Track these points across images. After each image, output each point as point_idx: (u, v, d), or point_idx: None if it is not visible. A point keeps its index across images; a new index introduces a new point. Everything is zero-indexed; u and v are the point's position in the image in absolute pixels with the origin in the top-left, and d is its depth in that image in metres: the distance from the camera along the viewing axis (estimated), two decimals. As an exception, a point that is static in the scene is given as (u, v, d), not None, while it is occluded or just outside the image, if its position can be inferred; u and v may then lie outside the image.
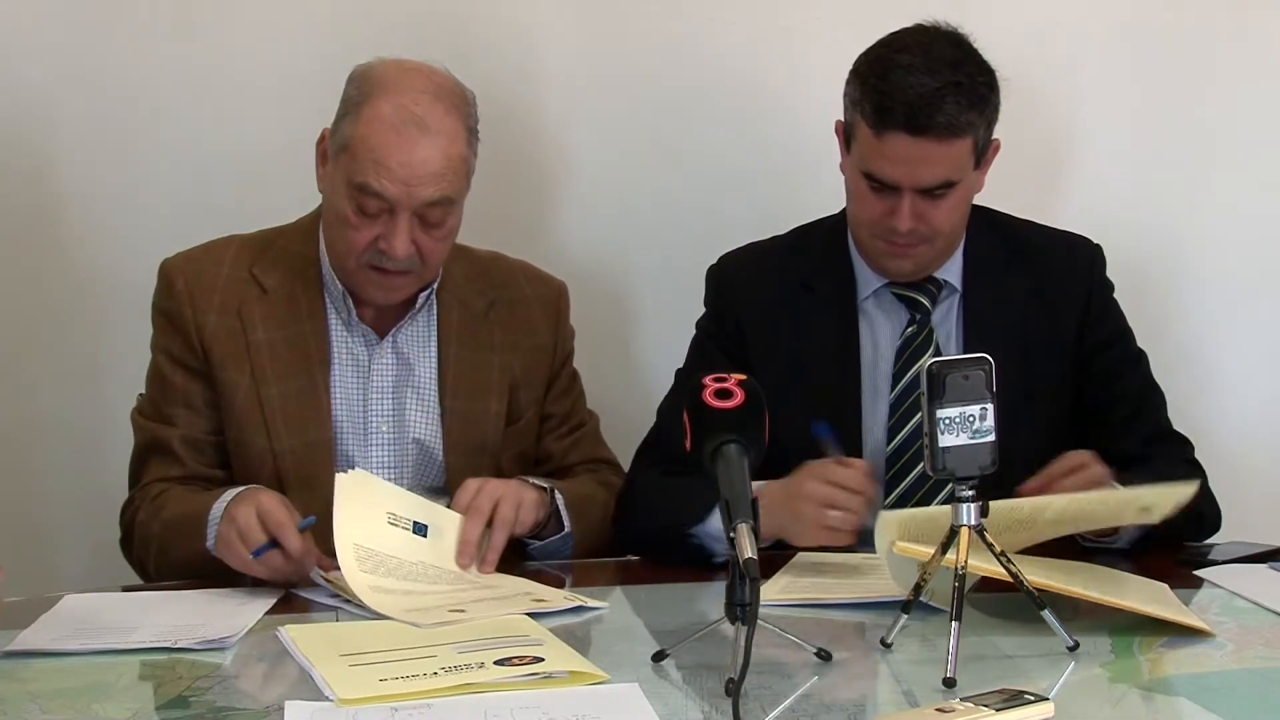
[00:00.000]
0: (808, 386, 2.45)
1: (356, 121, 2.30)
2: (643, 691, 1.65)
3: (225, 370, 2.37)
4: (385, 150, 2.26)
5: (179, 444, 2.36)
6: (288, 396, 2.35)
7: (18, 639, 1.87)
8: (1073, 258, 2.53)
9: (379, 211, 2.29)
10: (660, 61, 3.00)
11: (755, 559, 1.62)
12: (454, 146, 2.31)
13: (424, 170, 2.27)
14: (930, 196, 2.37)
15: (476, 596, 2.08)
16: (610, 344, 2.98)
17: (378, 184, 2.27)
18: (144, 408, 2.43)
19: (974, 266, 2.50)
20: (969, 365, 1.78)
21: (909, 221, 2.37)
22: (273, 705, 1.65)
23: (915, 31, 2.39)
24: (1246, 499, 2.56)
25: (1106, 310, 2.52)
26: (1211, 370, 3.05)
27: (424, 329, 2.46)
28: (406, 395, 2.43)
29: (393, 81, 2.31)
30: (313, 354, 2.39)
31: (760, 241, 2.62)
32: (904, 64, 2.32)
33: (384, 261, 2.32)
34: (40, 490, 2.96)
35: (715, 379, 1.81)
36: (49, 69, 2.88)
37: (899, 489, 2.43)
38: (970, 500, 1.79)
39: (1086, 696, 1.68)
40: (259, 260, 2.43)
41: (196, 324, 2.38)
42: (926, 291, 2.49)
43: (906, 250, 2.42)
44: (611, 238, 3.03)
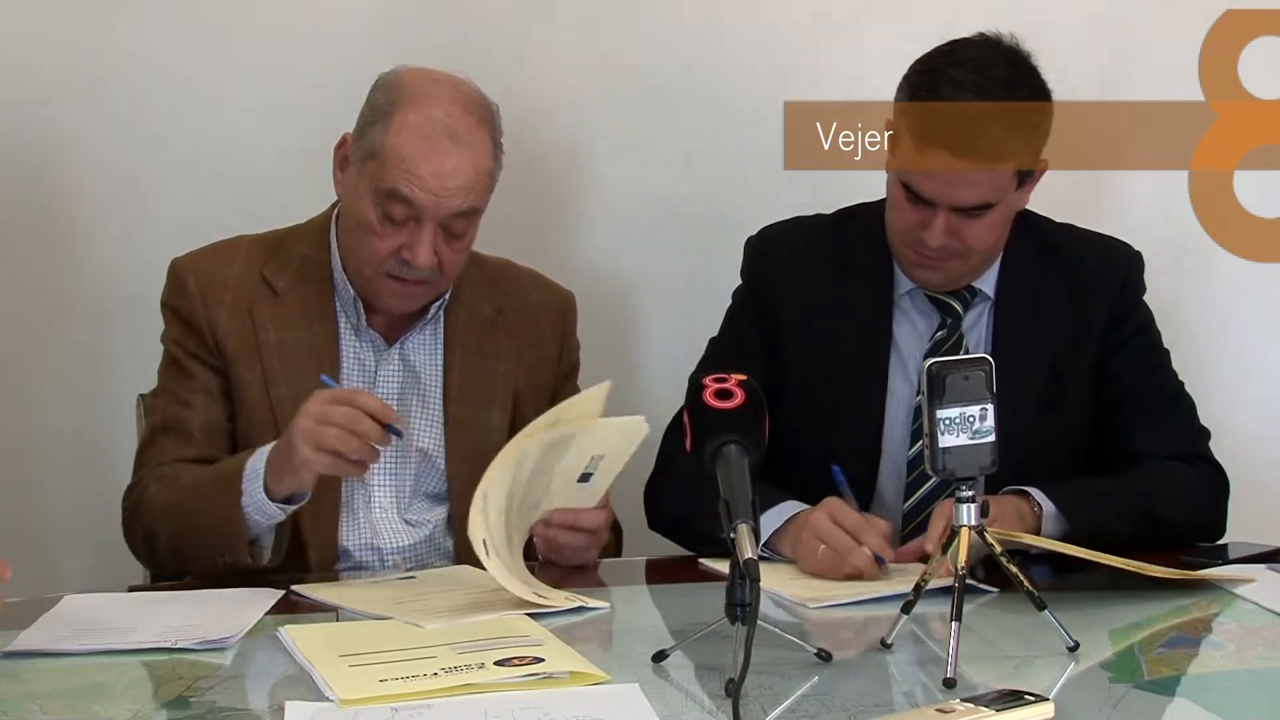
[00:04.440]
0: (835, 372, 2.42)
1: (387, 129, 2.29)
2: (643, 691, 1.65)
3: (238, 368, 2.36)
4: (417, 159, 2.26)
5: (198, 427, 2.34)
6: (297, 398, 2.33)
7: (18, 639, 1.87)
8: (1108, 264, 2.49)
9: (405, 219, 2.29)
10: (672, 63, 2.99)
11: (755, 559, 1.62)
12: (483, 159, 2.32)
13: (454, 181, 2.28)
14: (966, 215, 2.33)
15: (475, 600, 2.07)
16: (617, 351, 2.97)
17: (408, 191, 2.26)
18: (158, 393, 2.42)
19: (1009, 273, 2.46)
20: (969, 365, 1.78)
21: (941, 238, 2.33)
22: (273, 705, 1.65)
23: (974, 45, 2.34)
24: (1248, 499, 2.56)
25: (1130, 311, 2.48)
26: (1211, 370, 3.05)
27: (431, 337, 2.45)
28: (412, 403, 2.42)
29: (423, 91, 2.31)
30: (322, 358, 2.38)
31: (803, 218, 2.58)
32: (956, 80, 2.28)
33: (404, 271, 2.32)
34: (40, 491, 2.95)
35: (715, 379, 1.81)
36: (48, 69, 2.87)
37: (919, 493, 2.41)
38: (970, 500, 1.79)
39: (1086, 696, 1.68)
40: (269, 262, 2.42)
41: (209, 321, 2.37)
42: (960, 297, 2.46)
43: (936, 263, 2.39)
44: (620, 245, 3.02)
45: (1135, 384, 2.46)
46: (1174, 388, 2.51)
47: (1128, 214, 3.00)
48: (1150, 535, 2.25)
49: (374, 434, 2.10)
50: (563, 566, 2.25)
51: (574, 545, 2.24)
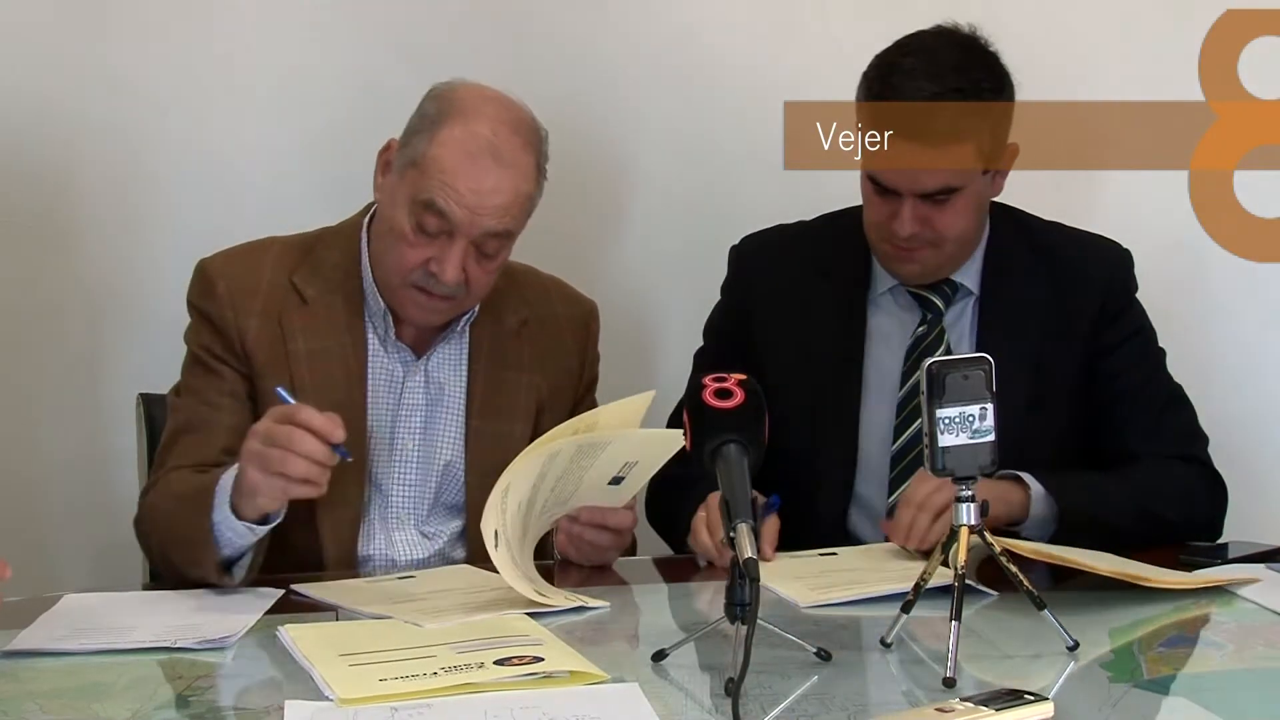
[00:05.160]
0: (811, 375, 2.45)
1: (431, 140, 2.27)
2: (643, 691, 1.65)
3: (266, 379, 2.32)
4: (457, 173, 2.24)
5: (225, 430, 2.30)
6: (324, 410, 2.33)
7: (18, 639, 1.87)
8: (1096, 262, 2.50)
9: (438, 232, 2.26)
10: (697, 70, 3.01)
11: (755, 559, 1.62)
12: (525, 183, 2.29)
13: (492, 201, 2.25)
14: (933, 202, 2.35)
15: (475, 599, 2.07)
16: (640, 357, 2.97)
17: (444, 203, 2.24)
18: (182, 392, 2.38)
19: (993, 270, 2.48)
20: (969, 365, 1.78)
21: (910, 226, 2.36)
22: (273, 705, 1.64)
23: (928, 35, 2.38)
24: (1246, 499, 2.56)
25: (1123, 310, 2.49)
26: (1210, 369, 3.06)
27: (457, 349, 2.43)
28: (437, 417, 2.40)
29: (473, 107, 2.29)
30: (351, 369, 2.36)
31: (787, 225, 2.61)
32: (906, 68, 2.32)
33: (430, 284, 2.29)
34: (40, 491, 2.95)
35: (715, 379, 1.81)
36: (48, 68, 2.87)
37: (902, 488, 2.40)
38: (970, 500, 1.79)
39: (1086, 696, 1.68)
40: (299, 268, 2.39)
41: (238, 328, 2.34)
42: (940, 292, 2.48)
43: (910, 255, 2.41)
44: (643, 254, 3.03)
45: (1132, 385, 2.46)
46: (1172, 390, 2.51)
47: (1126, 214, 2.99)
48: (1146, 531, 2.26)
49: (318, 453, 2.02)
50: (584, 567, 2.25)
51: (599, 543, 2.24)
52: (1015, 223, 2.52)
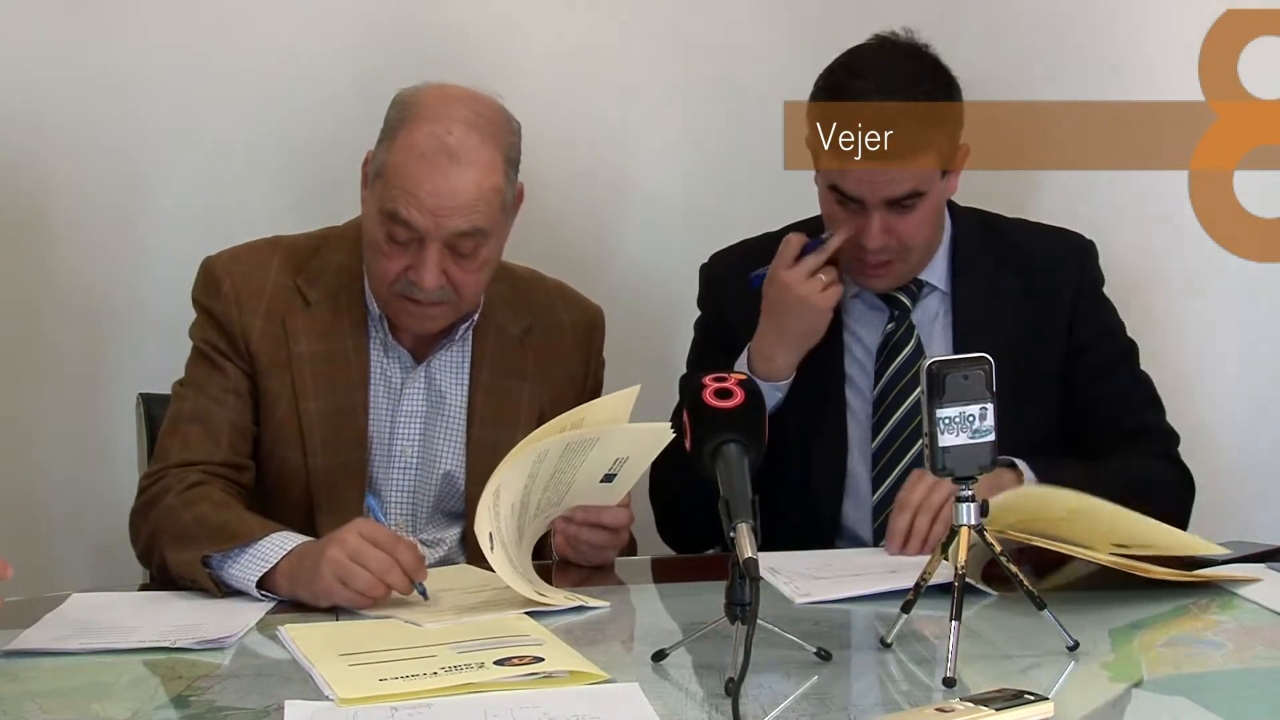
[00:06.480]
0: (796, 385, 2.45)
1: (391, 147, 2.26)
2: (643, 691, 1.65)
3: (269, 379, 2.33)
4: (415, 179, 2.22)
5: (228, 427, 2.30)
6: (325, 414, 2.32)
7: (18, 638, 1.87)
8: (1064, 255, 2.53)
9: (409, 240, 2.25)
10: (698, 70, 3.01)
11: (755, 559, 1.62)
12: (488, 178, 2.25)
13: (453, 201, 2.22)
14: (899, 209, 2.37)
15: (475, 599, 2.07)
16: (645, 356, 2.97)
17: (406, 213, 2.22)
18: (186, 383, 2.37)
19: (962, 266, 2.50)
20: (969, 365, 1.78)
21: (879, 238, 2.38)
22: (273, 705, 1.64)
23: (872, 50, 2.41)
24: (1245, 499, 2.57)
25: (1095, 306, 2.53)
26: (1208, 369, 3.06)
27: (459, 355, 2.42)
28: (437, 424, 2.40)
29: (430, 108, 2.26)
30: (352, 373, 2.36)
31: (750, 239, 2.62)
32: (856, 90, 2.34)
33: (414, 292, 2.28)
34: (40, 491, 2.95)
35: (715, 379, 1.81)
36: (47, 68, 2.87)
37: (885, 484, 2.44)
38: (970, 500, 1.79)
39: (1086, 696, 1.68)
40: (303, 270, 2.39)
41: (243, 327, 2.34)
42: (906, 291, 2.50)
43: (879, 270, 2.44)
44: (645, 255, 3.03)
45: (1108, 387, 2.49)
46: (1146, 390, 2.54)
47: (1124, 213, 3.00)
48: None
49: (401, 587, 2.01)
50: (583, 567, 2.25)
51: (595, 543, 2.23)
52: (979, 220, 2.55)
